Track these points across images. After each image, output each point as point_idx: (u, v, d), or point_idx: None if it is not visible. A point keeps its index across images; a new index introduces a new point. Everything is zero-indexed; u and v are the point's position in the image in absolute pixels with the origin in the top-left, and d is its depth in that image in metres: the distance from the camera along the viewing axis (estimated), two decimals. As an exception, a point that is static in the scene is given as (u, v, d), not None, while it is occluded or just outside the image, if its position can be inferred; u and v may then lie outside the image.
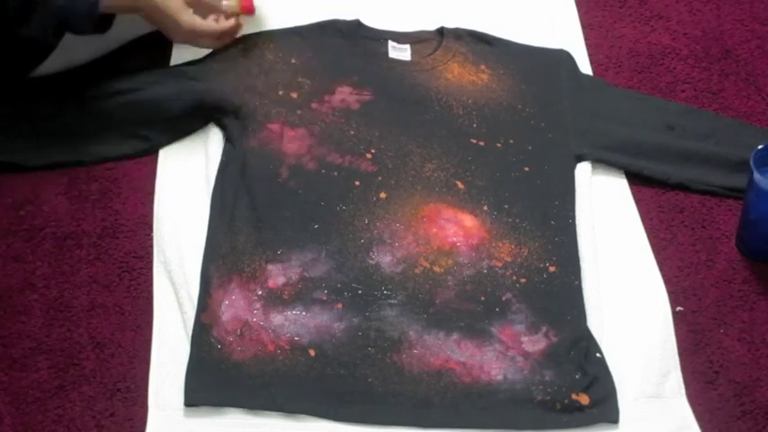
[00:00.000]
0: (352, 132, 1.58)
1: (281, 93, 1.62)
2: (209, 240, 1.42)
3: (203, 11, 1.62)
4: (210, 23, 1.62)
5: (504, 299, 1.39)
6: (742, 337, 1.40)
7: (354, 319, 1.35)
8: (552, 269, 1.43)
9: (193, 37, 1.62)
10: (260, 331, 1.32)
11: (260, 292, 1.36)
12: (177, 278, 1.39)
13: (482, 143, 1.59)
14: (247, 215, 1.45)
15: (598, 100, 1.69)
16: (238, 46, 1.70)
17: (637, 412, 1.30)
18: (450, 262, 1.43)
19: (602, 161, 1.60)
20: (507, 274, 1.42)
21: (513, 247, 1.45)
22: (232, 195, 1.47)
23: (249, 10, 1.70)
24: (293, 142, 1.55)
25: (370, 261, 1.42)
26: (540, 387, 1.30)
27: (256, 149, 1.54)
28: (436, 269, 1.42)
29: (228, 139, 1.56)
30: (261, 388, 1.27)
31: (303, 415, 1.27)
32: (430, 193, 1.51)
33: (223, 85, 1.62)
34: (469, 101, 1.65)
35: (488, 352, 1.33)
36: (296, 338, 1.32)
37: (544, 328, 1.36)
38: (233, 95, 1.61)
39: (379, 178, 1.52)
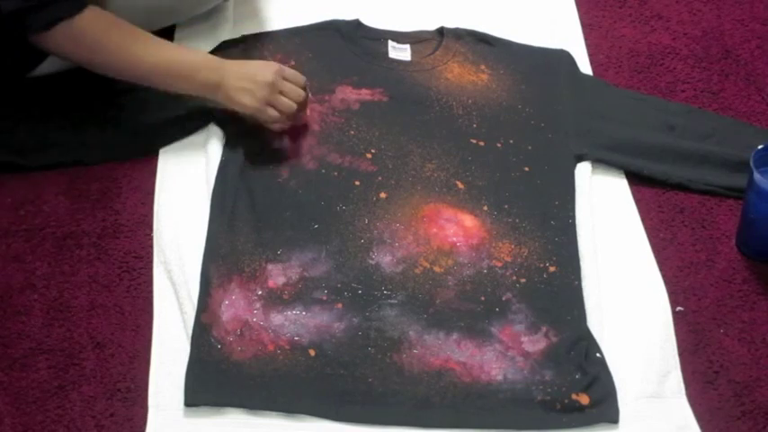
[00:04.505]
0: (352, 132, 1.58)
1: (281, 93, 1.62)
2: (209, 240, 1.42)
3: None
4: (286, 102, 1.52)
5: (504, 299, 1.39)
6: (742, 337, 1.40)
7: (354, 319, 1.35)
8: (552, 269, 1.43)
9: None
10: (260, 331, 1.32)
11: (260, 292, 1.36)
12: (177, 278, 1.39)
13: (482, 143, 1.59)
14: (247, 215, 1.45)
15: (598, 100, 1.69)
16: (239, 47, 1.70)
17: (637, 412, 1.30)
18: (450, 262, 1.43)
19: (602, 161, 1.60)
20: (507, 274, 1.42)
21: (513, 247, 1.45)
22: (232, 195, 1.47)
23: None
24: (293, 142, 1.55)
25: (370, 261, 1.42)
26: (540, 387, 1.30)
27: (256, 149, 1.54)
28: (436, 269, 1.42)
29: (228, 139, 1.56)
30: (261, 388, 1.27)
31: (303, 415, 1.27)
32: (430, 193, 1.51)
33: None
34: (469, 101, 1.65)
35: (488, 352, 1.33)
36: (296, 338, 1.32)
37: (544, 328, 1.36)
38: (233, 95, 1.61)
39: (379, 178, 1.52)
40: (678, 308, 1.43)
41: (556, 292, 1.41)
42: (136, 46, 1.48)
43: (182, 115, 1.59)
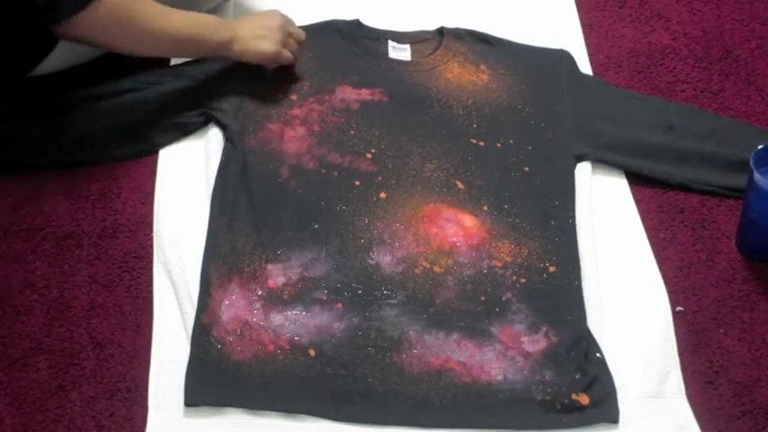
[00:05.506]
0: (353, 132, 1.58)
1: (280, 94, 1.62)
2: (209, 240, 1.42)
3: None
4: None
5: (504, 299, 1.39)
6: (742, 337, 1.40)
7: (354, 319, 1.35)
8: (552, 269, 1.43)
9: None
10: (260, 331, 1.32)
11: (260, 292, 1.36)
12: (177, 278, 1.39)
13: (482, 143, 1.59)
14: (247, 215, 1.45)
15: (598, 100, 1.69)
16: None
17: (637, 412, 1.30)
18: (450, 262, 1.43)
19: (602, 161, 1.60)
20: (507, 274, 1.42)
21: (513, 247, 1.45)
22: (232, 195, 1.47)
23: None
24: (293, 142, 1.56)
25: (371, 261, 1.42)
26: (540, 387, 1.30)
27: (256, 149, 1.54)
28: (436, 269, 1.42)
29: (228, 139, 1.56)
30: (261, 388, 1.27)
31: (303, 415, 1.27)
32: (430, 193, 1.51)
33: (223, 86, 1.62)
34: (469, 101, 1.65)
35: (488, 352, 1.33)
36: (296, 338, 1.32)
37: (544, 328, 1.36)
38: (233, 96, 1.61)
39: (379, 178, 1.52)
40: (678, 308, 1.43)
41: (556, 292, 1.41)
42: (158, 16, 1.48)
43: (182, 115, 1.59)
